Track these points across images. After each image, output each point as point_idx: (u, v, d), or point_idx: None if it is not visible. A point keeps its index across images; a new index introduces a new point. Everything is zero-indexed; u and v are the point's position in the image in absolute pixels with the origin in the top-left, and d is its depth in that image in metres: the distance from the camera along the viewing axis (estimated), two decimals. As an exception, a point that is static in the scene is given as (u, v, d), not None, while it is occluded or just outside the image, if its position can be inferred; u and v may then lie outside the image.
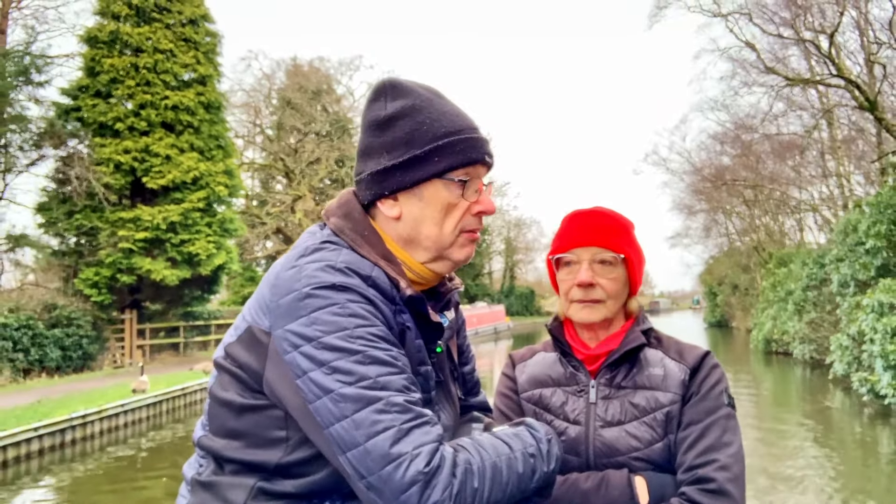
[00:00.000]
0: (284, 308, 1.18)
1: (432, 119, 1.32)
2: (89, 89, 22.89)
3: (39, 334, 19.74)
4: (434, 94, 1.38)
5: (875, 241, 16.43)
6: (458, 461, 1.13)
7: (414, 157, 1.30)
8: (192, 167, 22.92)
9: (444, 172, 1.31)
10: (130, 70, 22.83)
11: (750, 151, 25.23)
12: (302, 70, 42.92)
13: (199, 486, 1.28)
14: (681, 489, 1.45)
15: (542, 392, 1.65)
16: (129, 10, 23.39)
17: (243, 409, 1.23)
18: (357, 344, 1.14)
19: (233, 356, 1.25)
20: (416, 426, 1.11)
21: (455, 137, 1.32)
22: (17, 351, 18.96)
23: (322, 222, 1.39)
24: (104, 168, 21.92)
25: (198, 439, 1.32)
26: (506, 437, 1.26)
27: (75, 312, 21.21)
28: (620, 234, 1.60)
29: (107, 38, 23.03)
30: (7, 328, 18.56)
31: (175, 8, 24.05)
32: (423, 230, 1.34)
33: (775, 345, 28.00)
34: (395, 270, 1.30)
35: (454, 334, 1.51)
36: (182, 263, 22.91)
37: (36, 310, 20.18)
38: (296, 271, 1.21)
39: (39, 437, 11.09)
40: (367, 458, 1.09)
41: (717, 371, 1.56)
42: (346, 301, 1.17)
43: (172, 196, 22.92)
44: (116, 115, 22.42)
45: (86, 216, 22.03)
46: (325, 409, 1.12)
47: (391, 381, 1.14)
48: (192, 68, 23.93)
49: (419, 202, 1.33)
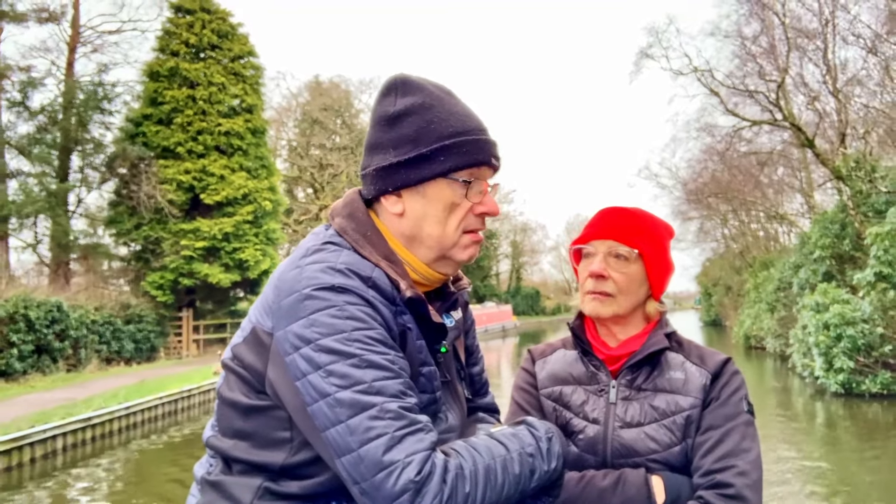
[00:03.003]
0: (286, 309, 1.19)
1: (440, 118, 1.32)
2: (152, 117, 26.45)
3: (118, 329, 23.29)
4: (445, 92, 1.38)
5: (821, 251, 19.84)
6: (450, 467, 1.12)
7: (420, 156, 1.30)
8: (241, 185, 26.46)
9: (449, 172, 1.31)
10: (188, 101, 26.38)
11: (727, 167, 28.74)
12: (323, 87, 46.48)
13: (208, 485, 1.30)
14: (698, 493, 1.45)
15: (562, 389, 1.64)
16: (186, 48, 26.94)
17: (249, 410, 1.25)
18: (354, 347, 1.15)
19: (239, 357, 1.27)
20: (409, 433, 1.11)
21: (462, 138, 1.32)
22: (101, 343, 22.49)
23: (328, 223, 1.38)
24: (168, 186, 25.47)
25: (207, 439, 1.33)
26: (503, 438, 1.26)
27: (145, 310, 24.77)
28: (639, 231, 1.59)
29: (166, 73, 26.58)
30: (95, 324, 22.08)
31: (225, 45, 27.59)
32: (425, 228, 1.33)
33: (753, 340, 31.35)
34: (397, 271, 1.29)
35: (461, 334, 1.50)
36: (233, 268, 26.45)
37: (114, 308, 23.73)
38: (297, 272, 1.23)
39: (163, 404, 14.66)
40: (361, 465, 1.09)
41: (737, 377, 1.57)
42: (345, 303, 1.18)
43: (225, 210, 26.46)
44: (177, 140, 25.98)
45: (152, 228, 25.59)
46: (321, 412, 1.13)
47: (386, 386, 1.14)
48: (241, 99, 27.47)
49: (422, 200, 1.33)
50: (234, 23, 28.19)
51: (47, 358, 18.90)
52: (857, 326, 16.07)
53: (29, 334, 17.93)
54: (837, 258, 19.74)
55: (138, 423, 14.10)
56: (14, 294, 18.00)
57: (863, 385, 16.20)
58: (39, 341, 18.41)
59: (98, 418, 12.71)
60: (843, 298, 16.91)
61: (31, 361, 18.14)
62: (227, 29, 27.71)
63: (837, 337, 16.24)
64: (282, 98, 46.10)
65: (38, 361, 18.50)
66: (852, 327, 16.08)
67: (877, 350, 16.16)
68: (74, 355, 20.49)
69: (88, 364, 21.32)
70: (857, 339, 15.99)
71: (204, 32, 26.97)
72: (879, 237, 14.98)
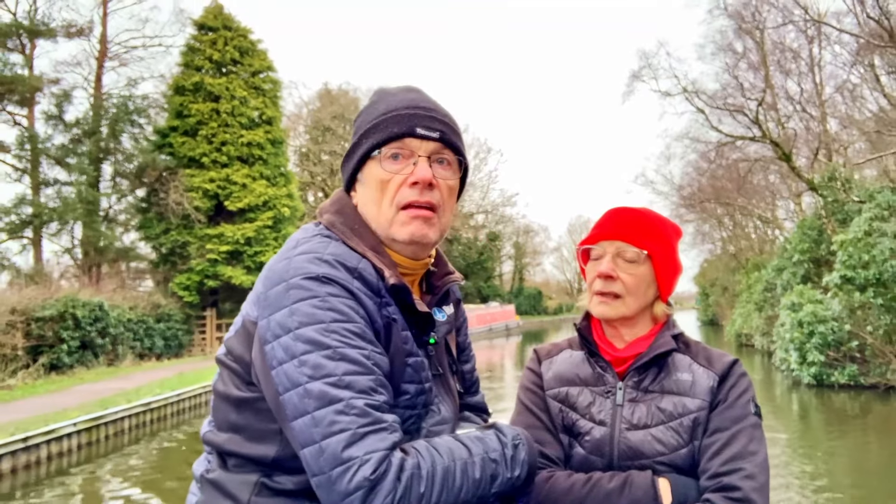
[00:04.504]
0: (272, 298, 1.21)
1: (375, 108, 1.36)
2: (178, 129, 28.27)
3: (150, 327, 25.12)
4: (405, 90, 1.38)
5: (800, 255, 21.59)
6: (406, 466, 1.12)
7: (353, 145, 1.35)
8: (262, 192, 28.27)
9: (372, 150, 1.33)
10: (212, 114, 28.20)
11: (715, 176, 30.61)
12: (333, 94, 48.30)
13: (206, 483, 1.31)
14: (705, 496, 1.45)
15: (568, 390, 1.63)
16: (210, 64, 28.74)
17: (240, 402, 1.26)
18: (331, 339, 1.15)
19: (231, 350, 1.29)
20: (371, 431, 1.11)
21: (384, 117, 1.32)
22: (135, 340, 24.30)
23: (318, 220, 1.39)
24: (194, 194, 27.30)
25: (203, 435, 1.35)
26: (467, 441, 1.25)
27: (173, 309, 26.61)
28: (647, 232, 1.59)
29: (192, 87, 28.39)
30: (130, 322, 23.90)
31: (246, 61, 29.40)
32: (369, 212, 1.35)
33: (744, 338, 33.04)
34: (384, 261, 1.30)
35: (453, 329, 1.50)
36: (255, 271, 28.23)
37: (146, 308, 25.56)
38: (286, 263, 1.24)
39: (206, 392, 16.48)
40: (321, 457, 1.10)
41: (745, 380, 1.56)
42: (327, 295, 1.18)
43: (247, 216, 28.29)
44: (202, 150, 27.80)
45: (179, 232, 27.43)
46: (291, 402, 1.14)
47: (356, 381, 1.14)
48: (261, 111, 29.30)
49: (362, 186, 1.37)
50: (254, 39, 30.00)
51: (90, 353, 20.72)
52: (827, 324, 17.79)
53: (76, 331, 19.75)
54: (815, 262, 21.49)
55: (186, 409, 15.92)
56: (63, 295, 19.83)
57: (832, 377, 17.95)
58: (84, 338, 20.22)
59: (156, 403, 14.55)
60: (817, 299, 18.64)
61: (77, 356, 19.95)
62: (247, 45, 29.52)
63: (810, 333, 17.97)
64: (294, 107, 47.95)
65: (82, 356, 20.31)
66: (823, 325, 17.80)
67: (845, 345, 17.90)
68: (113, 351, 22.32)
69: (125, 359, 23.13)
70: (827, 335, 17.73)
71: (226, 49, 28.78)
72: (844, 244, 16.72)
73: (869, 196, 18.04)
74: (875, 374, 17.36)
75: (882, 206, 16.60)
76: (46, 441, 10.95)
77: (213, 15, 29.27)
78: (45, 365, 18.79)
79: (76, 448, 11.76)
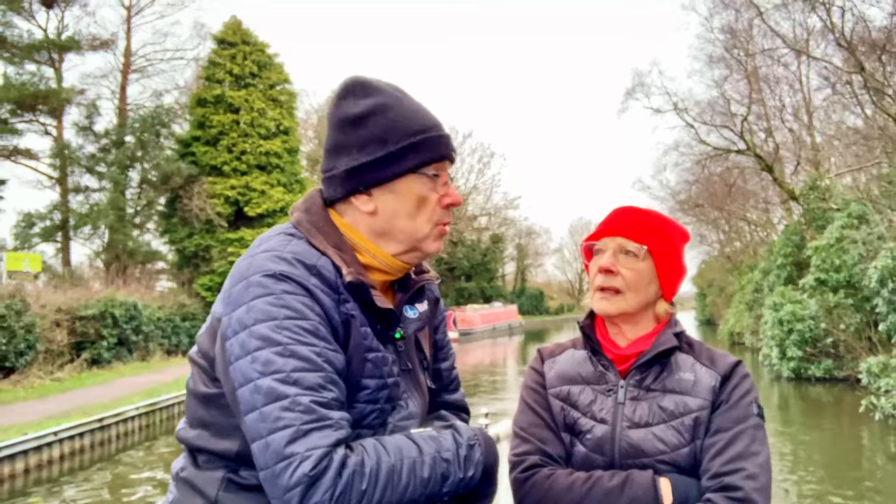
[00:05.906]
0: (234, 296, 1.23)
1: (404, 117, 1.36)
2: (200, 139, 30.02)
3: (177, 325, 26.82)
4: (401, 92, 1.41)
5: (783, 259, 23.24)
6: (348, 463, 1.13)
7: (389, 154, 1.33)
8: (279, 199, 30.02)
9: (418, 167, 1.35)
10: (232, 124, 29.94)
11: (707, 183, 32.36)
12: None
13: (180, 481, 1.33)
14: (706, 496, 1.45)
15: (570, 389, 1.64)
16: (230, 77, 30.48)
17: (207, 399, 1.28)
18: (282, 335, 1.17)
19: (200, 347, 1.31)
20: (315, 428, 1.12)
21: (427, 135, 1.36)
22: (163, 337, 26.00)
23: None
24: (216, 200, 29.04)
25: (177, 432, 1.37)
26: (419, 440, 1.26)
27: (196, 308, 28.32)
28: (649, 229, 1.60)
29: (213, 100, 30.13)
30: (160, 320, 25.60)
31: (264, 74, 31.14)
32: (398, 224, 1.36)
33: (735, 337, 34.67)
34: (344, 258, 1.31)
35: (426, 326, 1.50)
36: (273, 272, 29.99)
37: (173, 307, 27.27)
38: (249, 261, 1.26)
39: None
40: (266, 452, 1.12)
41: (747, 380, 1.56)
42: (282, 292, 1.20)
43: (266, 221, 30.02)
44: (223, 159, 29.54)
45: (202, 236, 29.16)
46: (244, 397, 1.16)
47: (304, 378, 1.15)
48: (278, 122, 31.03)
49: (393, 197, 1.35)
50: (271, 53, 31.74)
51: (125, 349, 22.41)
52: (805, 322, 19.44)
53: (114, 329, 21.44)
54: (797, 265, 23.12)
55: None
56: (103, 296, 21.54)
57: (809, 370, 19.61)
58: (121, 335, 21.91)
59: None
60: (797, 299, 20.28)
61: (114, 352, 21.65)
62: (265, 59, 31.26)
63: (790, 331, 19.62)
64: (304, 113, 49.65)
65: (118, 352, 22.01)
66: (801, 323, 19.45)
67: (821, 342, 19.55)
68: (145, 347, 24.02)
69: (154, 355, 24.82)
70: (805, 332, 19.37)
71: (245, 63, 30.52)
72: (819, 249, 18.37)
73: (845, 204, 19.67)
74: (847, 367, 19.01)
75: (853, 215, 18.24)
76: (115, 423, 12.70)
77: (233, 30, 31.01)
78: (87, 360, 20.46)
79: (138, 429, 13.53)
